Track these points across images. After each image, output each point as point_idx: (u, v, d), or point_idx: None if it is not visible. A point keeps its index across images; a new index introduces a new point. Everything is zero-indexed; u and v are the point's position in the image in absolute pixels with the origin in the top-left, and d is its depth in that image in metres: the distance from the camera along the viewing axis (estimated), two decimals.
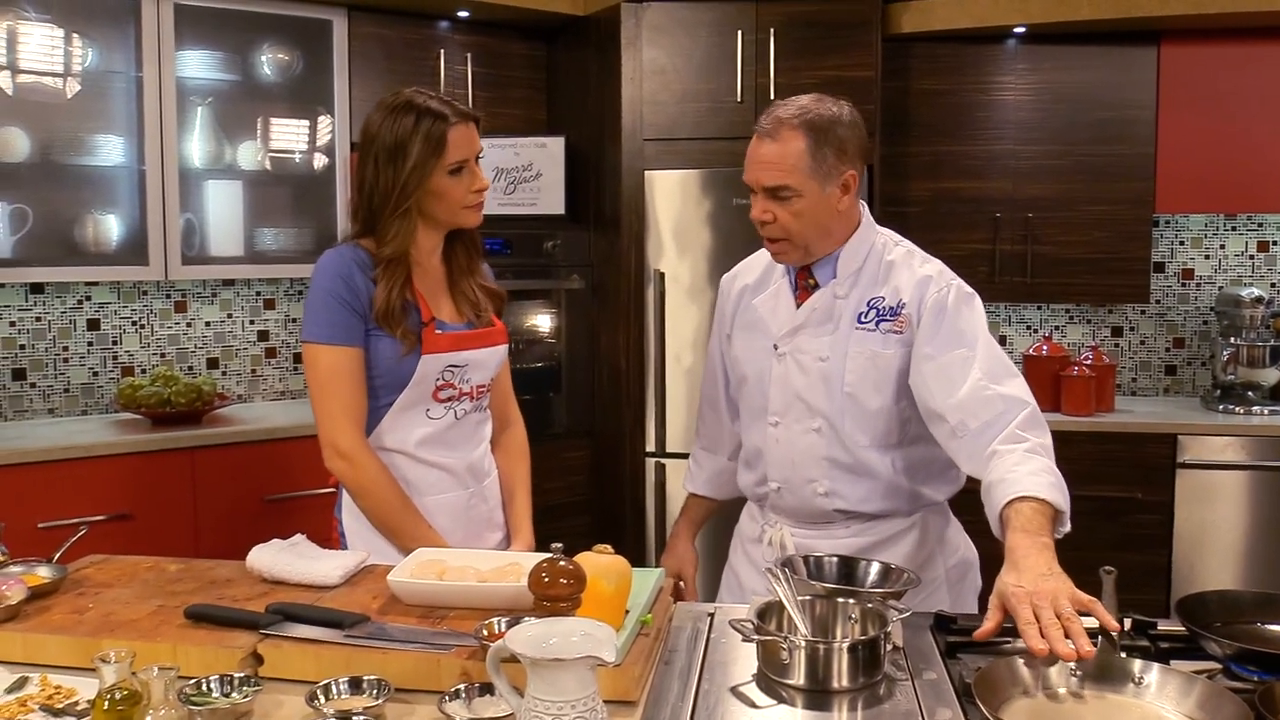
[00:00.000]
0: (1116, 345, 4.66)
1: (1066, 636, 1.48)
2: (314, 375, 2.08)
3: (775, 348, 2.16)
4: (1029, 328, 4.70)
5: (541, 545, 1.70)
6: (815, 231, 2.06)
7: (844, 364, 2.08)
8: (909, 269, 2.10)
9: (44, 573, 1.83)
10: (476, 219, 2.18)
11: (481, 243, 2.30)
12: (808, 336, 2.12)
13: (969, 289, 2.09)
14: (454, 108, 2.10)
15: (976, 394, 1.93)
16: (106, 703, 1.29)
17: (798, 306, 2.14)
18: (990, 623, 1.60)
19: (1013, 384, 1.97)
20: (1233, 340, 4.25)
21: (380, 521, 2.11)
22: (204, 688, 1.43)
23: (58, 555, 1.95)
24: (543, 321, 4.29)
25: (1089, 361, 4.21)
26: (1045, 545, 1.68)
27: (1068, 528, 1.81)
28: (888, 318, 2.07)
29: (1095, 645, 1.48)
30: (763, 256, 2.28)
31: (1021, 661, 1.50)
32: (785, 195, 2.02)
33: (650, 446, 4.11)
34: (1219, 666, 1.58)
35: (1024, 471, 1.81)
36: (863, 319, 2.09)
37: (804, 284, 2.16)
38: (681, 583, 2.40)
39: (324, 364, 2.06)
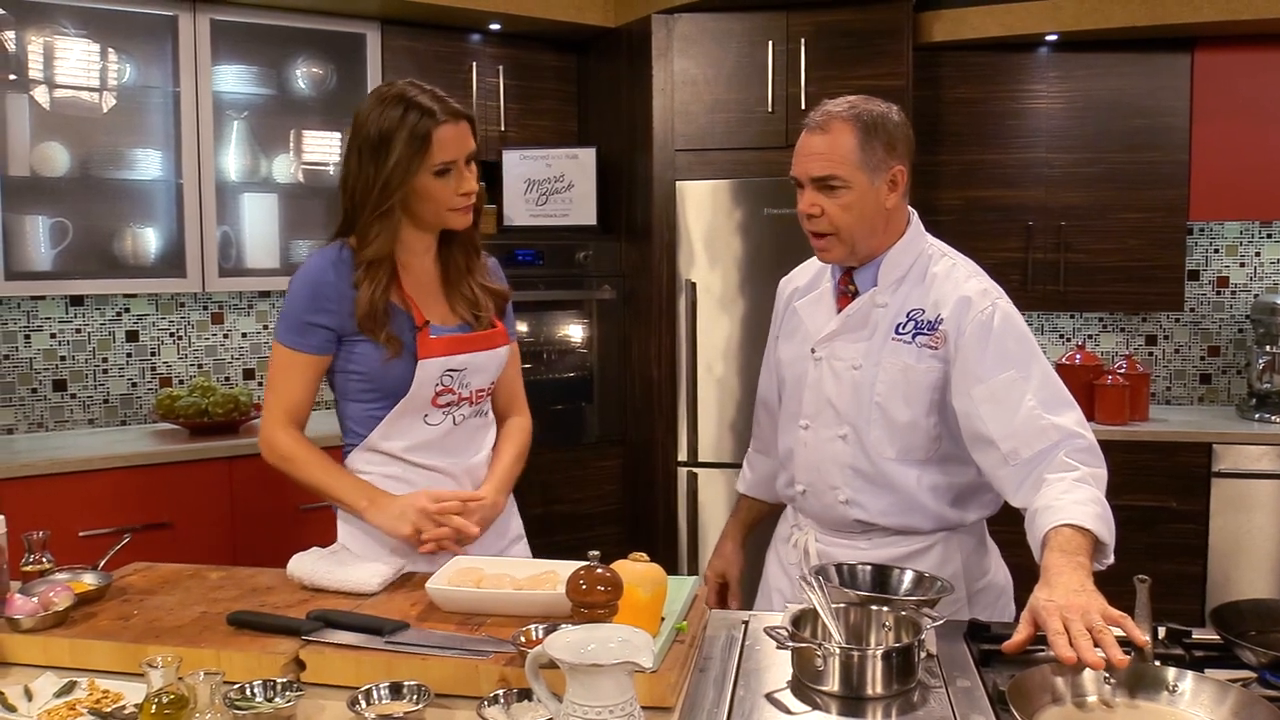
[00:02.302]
0: (1151, 354, 4.63)
1: (1096, 646, 1.48)
2: (269, 369, 2.12)
3: (812, 352, 2.15)
4: (1062, 336, 4.68)
5: (577, 554, 1.71)
6: (862, 227, 2.04)
7: (876, 373, 2.06)
8: (952, 283, 2.06)
9: (89, 580, 1.86)
10: (465, 221, 2.09)
11: (479, 240, 2.20)
12: (843, 343, 2.10)
13: (1013, 309, 2.04)
14: (445, 105, 2.00)
15: (1031, 423, 1.90)
16: (154, 706, 1.32)
17: (838, 312, 2.14)
18: (1020, 635, 1.61)
19: (1069, 415, 1.92)
20: (1268, 348, 4.22)
21: (309, 487, 2.09)
22: (247, 693, 1.45)
23: (102, 563, 1.98)
24: (575, 332, 4.32)
25: (1123, 370, 4.19)
26: (1080, 564, 1.68)
27: (1110, 559, 1.79)
28: (925, 331, 2.04)
29: (1129, 655, 1.48)
30: (814, 262, 2.26)
31: (1056, 669, 1.50)
32: (834, 186, 2.01)
33: (682, 456, 4.12)
34: (1253, 675, 1.58)
35: (1070, 500, 1.79)
36: (900, 330, 2.06)
37: (845, 289, 2.14)
38: (727, 583, 2.40)
39: (278, 363, 2.08)
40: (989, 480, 1.99)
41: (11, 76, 3.54)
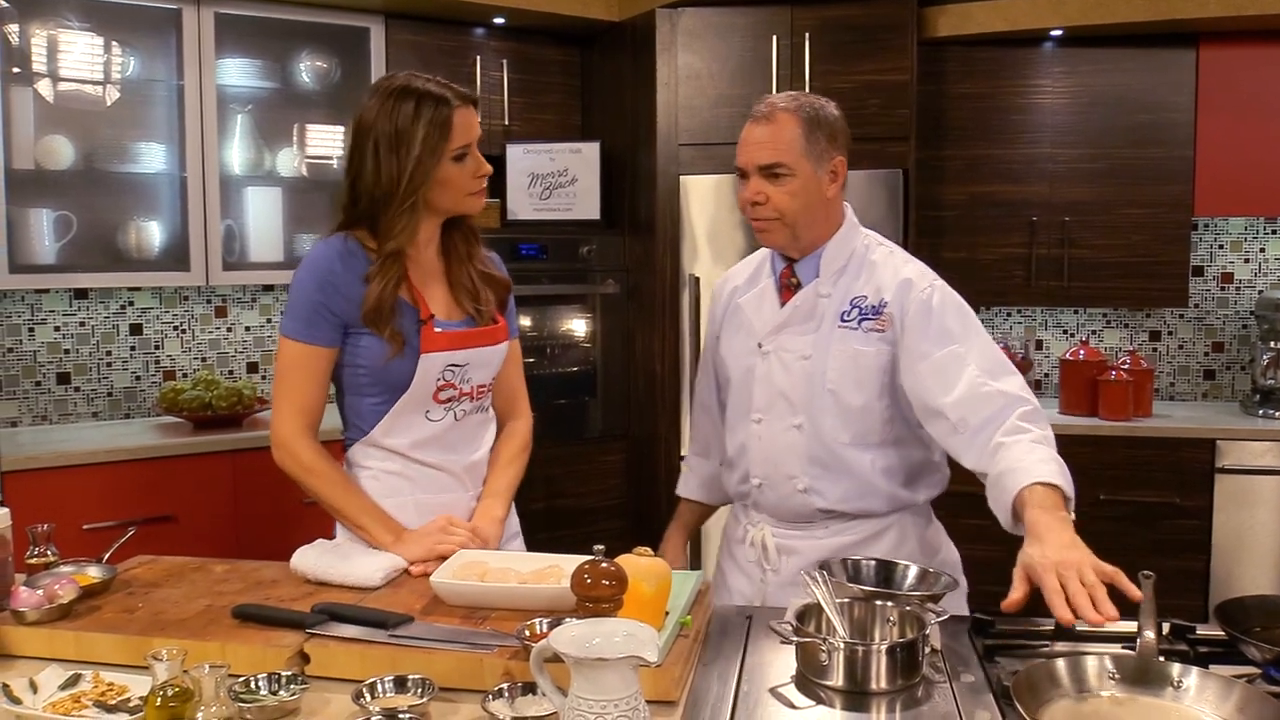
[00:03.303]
0: (1154, 349, 4.62)
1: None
2: (276, 365, 2.08)
3: (759, 346, 2.20)
4: (1066, 332, 4.68)
5: (580, 549, 1.71)
6: (805, 215, 2.11)
7: (826, 361, 2.13)
8: (891, 268, 2.14)
9: (94, 573, 1.87)
10: (479, 205, 2.11)
11: (478, 229, 2.21)
12: (791, 335, 2.17)
13: (951, 289, 2.13)
14: (455, 90, 2.02)
15: (974, 391, 1.97)
16: (159, 699, 1.32)
17: (782, 305, 2.19)
18: (1017, 593, 1.62)
19: (1011, 381, 2.00)
20: (1273, 345, 4.21)
21: (326, 506, 2.08)
22: (252, 686, 1.46)
23: (107, 555, 1.98)
24: (578, 326, 4.32)
25: (1126, 366, 4.18)
26: (1065, 520, 1.71)
27: (1072, 517, 1.82)
28: (870, 316, 2.11)
29: (1133, 649, 1.49)
30: (753, 260, 2.34)
31: (1060, 664, 1.50)
32: (780, 174, 2.08)
33: (685, 450, 4.10)
34: (1258, 671, 1.58)
35: (1034, 460, 1.83)
36: (845, 317, 2.13)
37: (787, 283, 2.20)
38: None
39: (285, 356, 2.05)
40: (944, 449, 2.06)
41: (15, 70, 3.54)
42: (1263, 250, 4.53)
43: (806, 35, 3.96)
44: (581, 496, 4.26)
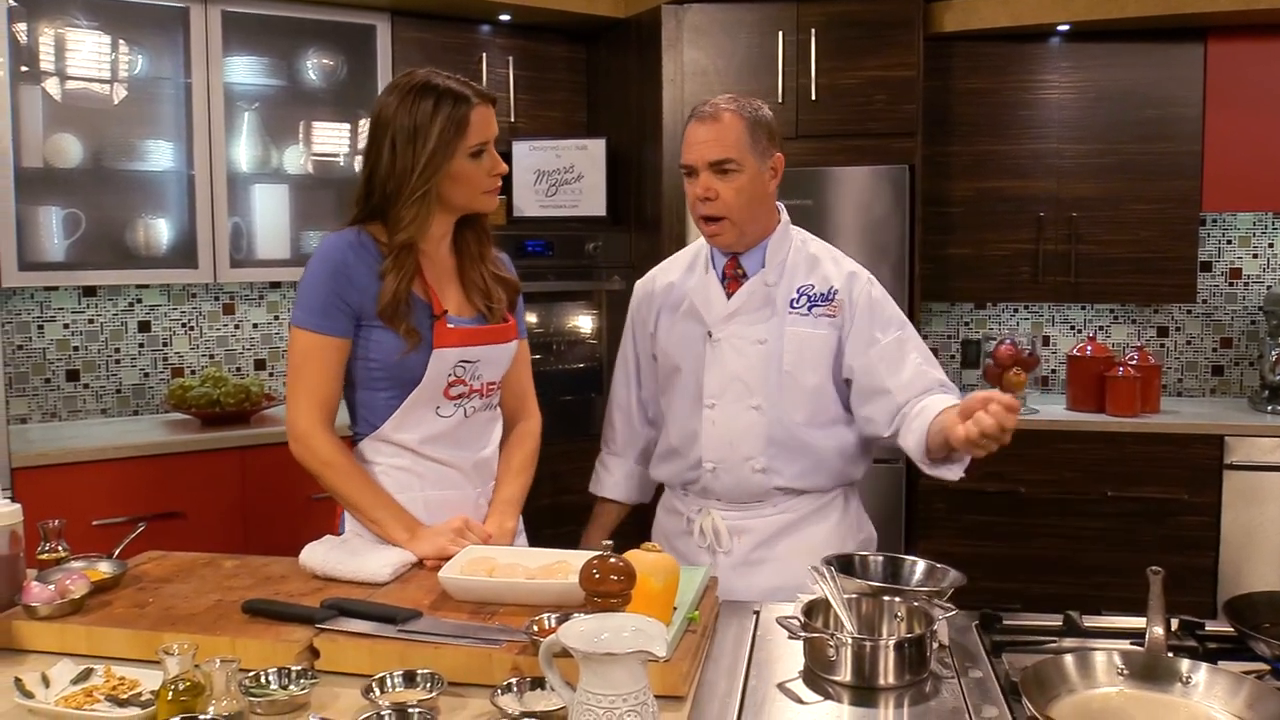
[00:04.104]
0: (1162, 345, 4.62)
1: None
2: (290, 358, 2.07)
3: (709, 334, 2.29)
4: (1073, 328, 4.67)
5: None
6: (749, 212, 2.23)
7: (781, 345, 2.26)
8: (834, 262, 2.32)
9: (105, 568, 1.88)
10: (494, 203, 2.13)
11: (492, 229, 2.23)
12: (743, 322, 2.28)
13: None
14: (474, 89, 2.05)
15: (919, 375, 2.20)
16: (171, 693, 1.33)
17: (729, 296, 2.28)
18: (961, 429, 1.87)
19: (940, 370, 2.26)
20: None
21: (342, 500, 2.09)
22: (262, 680, 1.46)
23: (117, 551, 1.99)
24: (584, 322, 4.32)
25: (1134, 362, 4.18)
26: None
27: (962, 469, 2.11)
28: (819, 303, 2.27)
29: (1142, 645, 1.49)
30: (679, 258, 2.45)
31: (1069, 660, 1.51)
32: (729, 169, 2.18)
33: None
34: (1267, 667, 1.58)
35: (950, 401, 2.08)
36: (795, 304, 2.27)
37: (733, 274, 2.31)
38: None
39: (299, 348, 2.04)
40: (875, 427, 2.25)
41: (24, 68, 3.55)
42: (1271, 246, 4.51)
43: (812, 31, 3.96)
44: (586, 493, 4.24)
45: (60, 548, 1.93)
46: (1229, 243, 4.54)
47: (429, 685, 1.45)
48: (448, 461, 2.13)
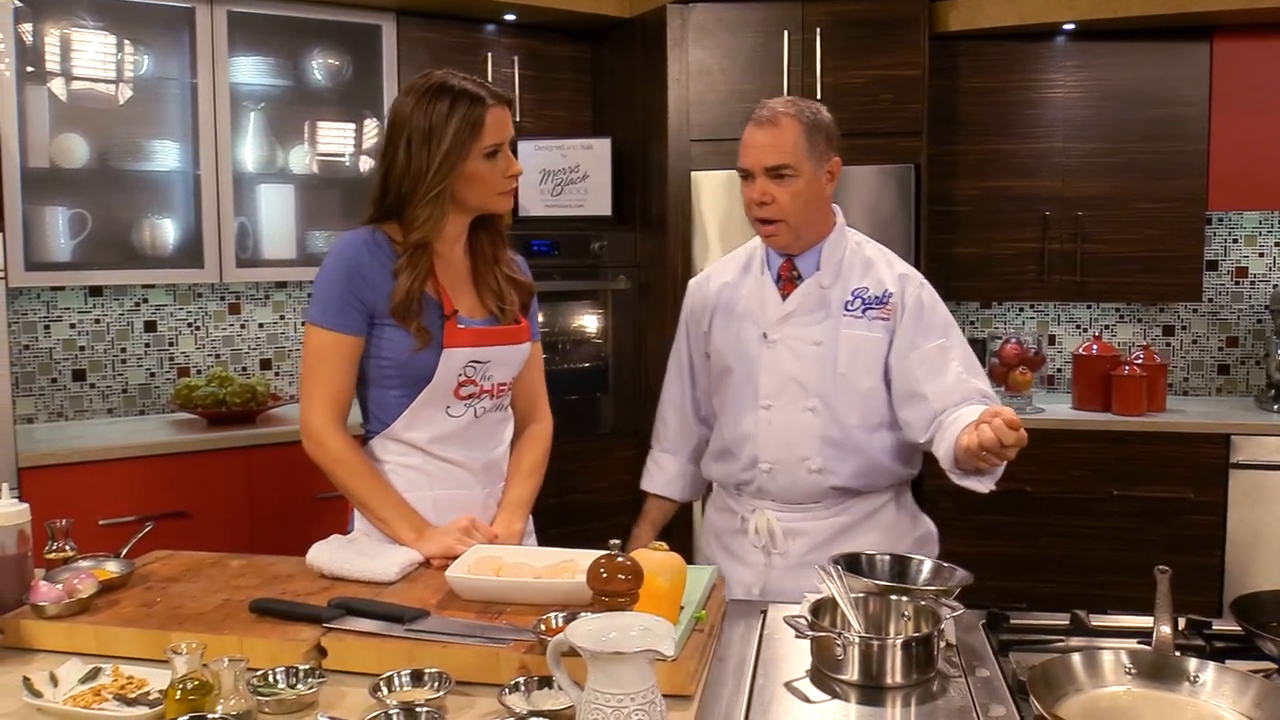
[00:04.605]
0: (1168, 344, 4.61)
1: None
2: (304, 355, 2.08)
3: (765, 335, 2.30)
4: (1079, 327, 4.67)
5: (592, 544, 1.71)
6: (806, 215, 2.24)
7: (836, 347, 2.26)
8: (887, 265, 2.32)
9: (112, 567, 1.88)
10: (508, 205, 2.13)
11: (507, 232, 2.24)
12: (799, 324, 2.29)
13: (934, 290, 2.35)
14: (489, 90, 2.06)
15: (960, 384, 2.19)
16: (179, 692, 1.33)
17: (784, 298, 2.30)
18: (964, 437, 1.93)
19: (984, 380, 2.25)
20: None
21: (351, 498, 2.09)
22: (270, 679, 1.46)
23: (124, 550, 2.00)
24: (590, 322, 4.32)
25: (1140, 361, 4.17)
26: None
27: (994, 483, 2.09)
28: (874, 305, 2.27)
29: (1149, 644, 1.49)
30: (734, 259, 2.45)
31: (1076, 659, 1.50)
32: (786, 174, 2.20)
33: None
34: (1274, 666, 1.58)
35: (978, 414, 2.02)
36: (849, 307, 2.28)
37: (788, 276, 2.32)
38: None
39: (314, 345, 2.05)
40: (905, 429, 2.26)
41: (30, 69, 3.55)
42: (1277, 244, 4.51)
43: (818, 30, 3.96)
44: (593, 492, 4.26)
45: (68, 547, 1.93)
46: (1235, 242, 4.53)
47: (436, 684, 1.45)
48: (457, 461, 2.13)
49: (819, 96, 3.93)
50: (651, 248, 4.24)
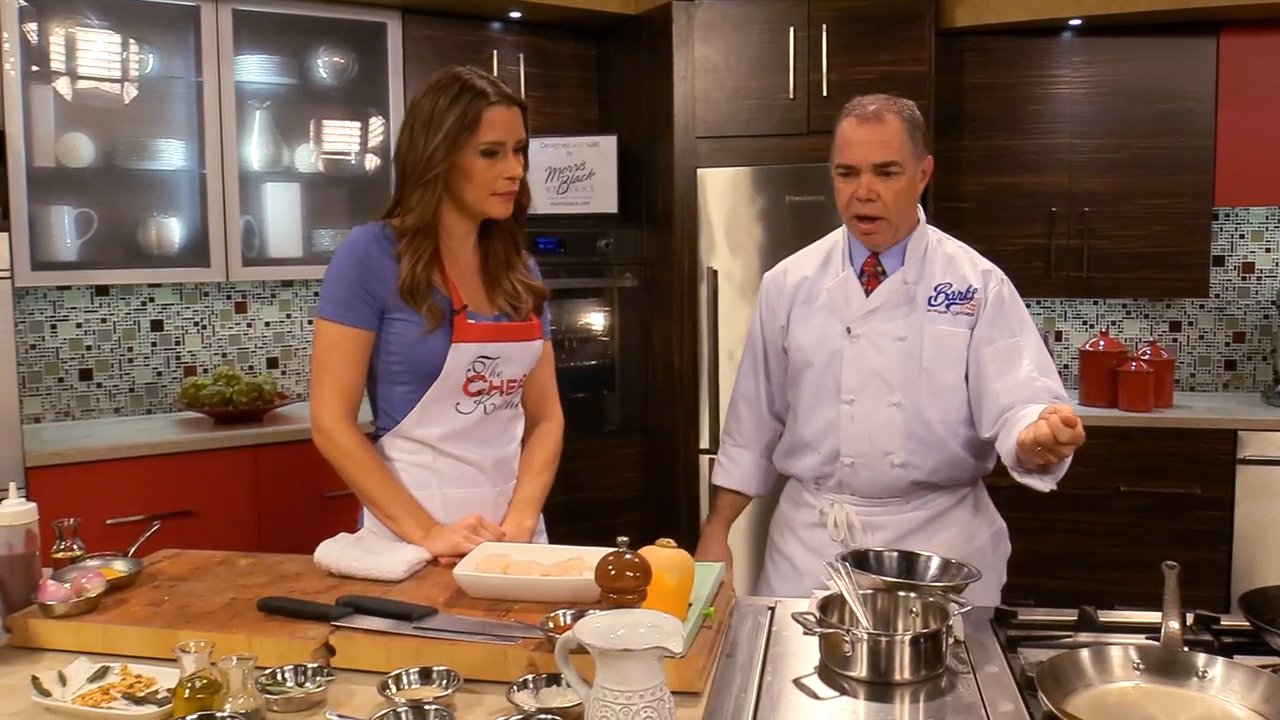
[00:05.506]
0: (1175, 340, 4.60)
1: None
2: (315, 350, 2.09)
3: (849, 331, 2.30)
4: (1085, 323, 4.66)
5: (599, 541, 1.71)
6: (904, 212, 2.27)
7: (921, 343, 2.27)
8: (970, 261, 2.34)
9: (120, 566, 1.88)
10: (505, 209, 2.11)
11: (523, 237, 2.23)
12: (883, 319, 2.29)
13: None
14: (499, 89, 2.05)
15: (1029, 382, 2.18)
16: (188, 691, 1.33)
17: (867, 293, 2.30)
18: (1021, 432, 1.94)
19: (1055, 379, 2.23)
20: None
21: (360, 494, 2.10)
22: (278, 677, 1.46)
23: (132, 549, 1.99)
24: (596, 319, 4.32)
25: (1147, 357, 4.17)
26: None
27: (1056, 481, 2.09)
28: (958, 301, 2.28)
29: (1158, 639, 1.49)
30: (811, 253, 2.45)
31: (1085, 654, 1.50)
32: (892, 171, 2.21)
33: (704, 443, 4.12)
34: None
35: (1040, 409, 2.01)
36: (932, 302, 2.28)
37: (873, 272, 2.33)
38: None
39: (324, 340, 2.06)
40: (981, 427, 2.25)
41: (35, 68, 3.56)
42: None
43: (824, 26, 3.95)
44: (599, 490, 4.27)
45: (75, 546, 1.93)
46: (1241, 237, 4.52)
47: (445, 682, 1.45)
48: (467, 459, 2.13)
49: (825, 93, 3.93)
50: (658, 245, 4.24)
